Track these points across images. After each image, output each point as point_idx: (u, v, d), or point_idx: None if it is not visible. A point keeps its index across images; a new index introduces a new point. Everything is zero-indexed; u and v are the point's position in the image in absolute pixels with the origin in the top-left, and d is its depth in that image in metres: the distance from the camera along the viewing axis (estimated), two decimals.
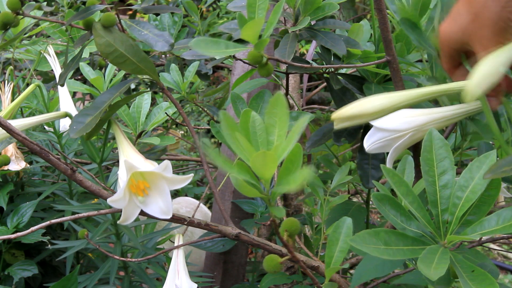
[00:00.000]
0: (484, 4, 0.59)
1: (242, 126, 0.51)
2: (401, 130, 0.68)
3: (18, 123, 0.92)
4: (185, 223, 0.86)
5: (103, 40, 0.71)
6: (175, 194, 2.32)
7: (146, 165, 0.80)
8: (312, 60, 1.43)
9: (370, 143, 0.71)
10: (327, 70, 1.03)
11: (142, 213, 0.83)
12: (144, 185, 0.83)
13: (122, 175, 0.78)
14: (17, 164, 1.13)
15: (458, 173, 0.65)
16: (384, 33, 0.83)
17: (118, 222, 0.82)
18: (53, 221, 0.75)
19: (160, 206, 0.83)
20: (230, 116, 0.49)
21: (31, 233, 0.79)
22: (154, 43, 0.74)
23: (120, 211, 0.82)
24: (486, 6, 0.59)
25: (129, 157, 0.81)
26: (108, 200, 0.77)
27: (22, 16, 0.73)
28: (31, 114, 1.34)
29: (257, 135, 0.52)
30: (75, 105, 1.24)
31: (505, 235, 0.86)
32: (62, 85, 0.79)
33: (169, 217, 0.84)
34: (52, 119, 1.04)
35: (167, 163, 0.78)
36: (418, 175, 0.78)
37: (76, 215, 0.79)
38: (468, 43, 0.63)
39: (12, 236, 0.72)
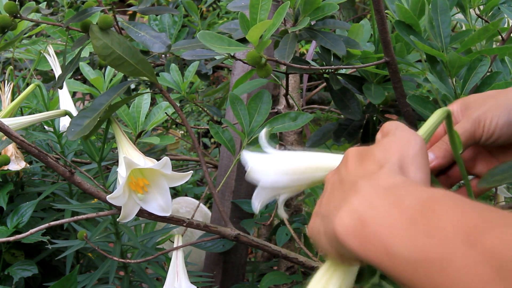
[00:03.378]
0: None
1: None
2: (290, 185, 0.60)
3: (18, 121, 0.93)
4: (185, 224, 0.86)
5: (100, 42, 0.71)
6: (175, 194, 2.32)
7: (145, 162, 0.80)
8: (312, 60, 1.43)
9: (259, 202, 0.64)
10: (327, 71, 1.03)
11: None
12: (143, 182, 0.83)
13: (122, 172, 0.79)
14: (17, 164, 1.13)
15: None
16: (383, 34, 0.83)
17: (117, 219, 0.82)
18: (52, 223, 0.76)
19: (160, 203, 0.83)
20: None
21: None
22: (151, 45, 0.74)
23: (119, 212, 0.82)
24: None
25: (129, 154, 0.81)
26: (108, 197, 0.77)
27: (19, 19, 0.72)
28: (31, 114, 1.34)
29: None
30: (75, 105, 1.24)
31: None
32: (61, 88, 0.79)
33: (168, 214, 0.84)
34: (52, 118, 1.04)
35: (166, 160, 0.78)
36: None
37: (75, 217, 0.79)
38: None
39: (11, 238, 0.72)
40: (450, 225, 0.34)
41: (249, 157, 0.59)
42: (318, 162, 0.57)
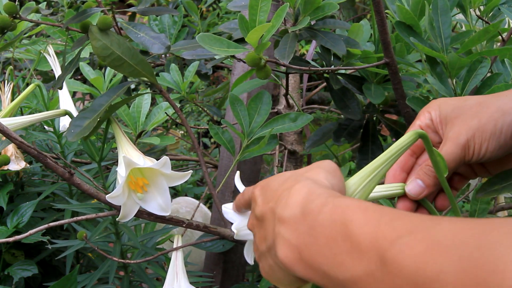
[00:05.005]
0: None
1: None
2: None
3: (17, 121, 0.93)
4: (184, 225, 0.86)
5: (100, 43, 0.71)
6: (175, 194, 2.32)
7: (145, 161, 0.80)
8: (312, 60, 1.43)
9: (252, 254, 0.63)
10: (326, 70, 1.03)
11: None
12: (143, 181, 0.83)
13: (121, 172, 0.78)
14: (17, 164, 1.13)
15: None
16: (383, 35, 0.83)
17: (117, 219, 0.82)
18: (51, 224, 0.76)
19: (159, 203, 0.83)
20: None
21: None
22: (150, 46, 0.73)
23: (119, 212, 0.82)
24: None
25: (128, 153, 0.81)
26: (107, 196, 0.77)
27: (19, 20, 0.72)
28: (31, 114, 1.34)
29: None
30: (75, 105, 1.24)
31: None
32: (60, 88, 0.79)
33: (167, 214, 0.84)
34: (52, 117, 1.04)
35: (165, 159, 0.78)
36: None
37: (75, 218, 0.79)
38: None
39: (11, 239, 0.72)
40: (365, 240, 0.35)
41: (232, 216, 0.60)
42: None
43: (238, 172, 0.64)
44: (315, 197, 0.42)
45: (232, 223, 0.59)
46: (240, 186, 0.61)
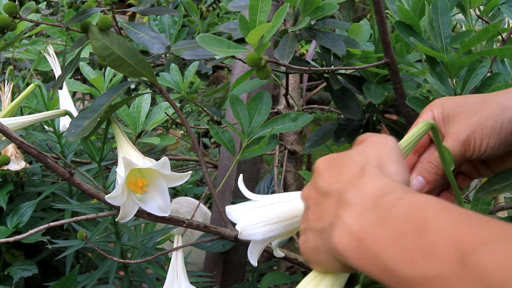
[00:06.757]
0: None
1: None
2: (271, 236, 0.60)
3: (17, 121, 0.93)
4: (184, 225, 0.86)
5: (100, 43, 0.71)
6: (175, 194, 2.32)
7: (144, 162, 0.80)
8: (312, 60, 1.43)
9: (255, 255, 0.62)
10: (326, 70, 1.03)
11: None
12: (142, 182, 0.83)
13: (121, 172, 0.78)
14: (17, 164, 1.13)
15: None
16: (383, 35, 0.83)
17: (116, 219, 0.82)
18: (51, 224, 0.76)
19: (159, 204, 0.83)
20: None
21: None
22: (150, 46, 0.73)
23: (119, 212, 0.82)
24: None
25: (128, 154, 0.81)
26: (106, 197, 0.77)
27: (19, 20, 0.72)
28: (31, 114, 1.34)
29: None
30: (75, 104, 1.24)
31: None
32: (60, 88, 0.79)
33: (167, 214, 0.84)
34: (52, 117, 1.04)
35: (165, 160, 0.78)
36: None
37: (75, 218, 0.79)
38: None
39: (11, 239, 0.72)
40: (443, 241, 0.34)
41: (235, 217, 0.60)
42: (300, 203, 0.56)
43: (241, 176, 0.64)
44: (391, 190, 0.41)
45: (235, 224, 0.60)
46: (244, 189, 0.61)
